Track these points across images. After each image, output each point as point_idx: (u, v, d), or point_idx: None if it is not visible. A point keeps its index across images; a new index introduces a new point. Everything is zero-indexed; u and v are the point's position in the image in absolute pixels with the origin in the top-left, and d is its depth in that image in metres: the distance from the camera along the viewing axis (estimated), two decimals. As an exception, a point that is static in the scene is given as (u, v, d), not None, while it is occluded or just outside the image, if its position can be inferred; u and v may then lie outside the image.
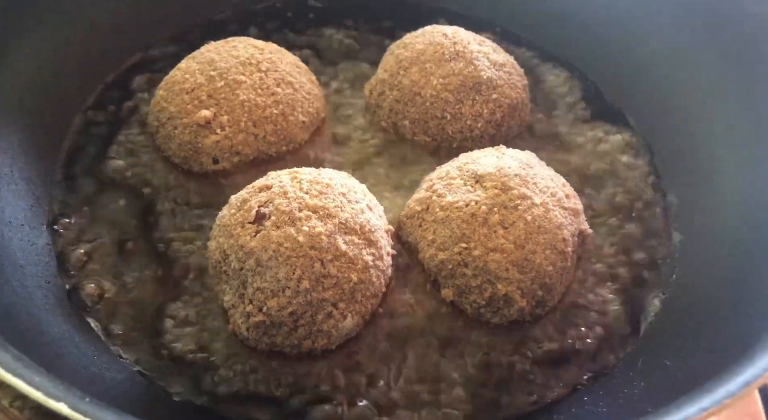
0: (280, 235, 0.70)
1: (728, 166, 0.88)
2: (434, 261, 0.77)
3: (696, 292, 0.81)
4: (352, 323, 0.73)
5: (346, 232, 0.72)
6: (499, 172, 0.78)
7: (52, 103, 0.93)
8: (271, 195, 0.73)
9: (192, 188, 0.88)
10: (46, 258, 0.81)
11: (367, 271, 0.73)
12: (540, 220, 0.75)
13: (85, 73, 0.98)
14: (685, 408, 0.54)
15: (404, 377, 0.74)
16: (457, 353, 0.76)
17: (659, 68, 1.00)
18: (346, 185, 0.77)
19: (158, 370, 0.74)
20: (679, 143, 0.95)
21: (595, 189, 0.92)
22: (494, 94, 0.92)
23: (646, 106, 1.00)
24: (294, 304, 0.70)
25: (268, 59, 0.90)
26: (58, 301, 0.78)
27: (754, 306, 0.70)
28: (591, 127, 1.00)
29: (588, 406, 0.72)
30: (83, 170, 0.90)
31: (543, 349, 0.77)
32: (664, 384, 0.70)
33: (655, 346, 0.77)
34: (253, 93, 0.87)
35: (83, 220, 0.86)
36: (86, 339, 0.75)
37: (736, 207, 0.85)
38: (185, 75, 0.88)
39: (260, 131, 0.87)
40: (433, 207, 0.79)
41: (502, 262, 0.74)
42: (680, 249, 0.87)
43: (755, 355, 0.57)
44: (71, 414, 0.51)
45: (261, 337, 0.72)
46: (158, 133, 0.90)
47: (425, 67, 0.93)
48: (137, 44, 1.05)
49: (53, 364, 0.66)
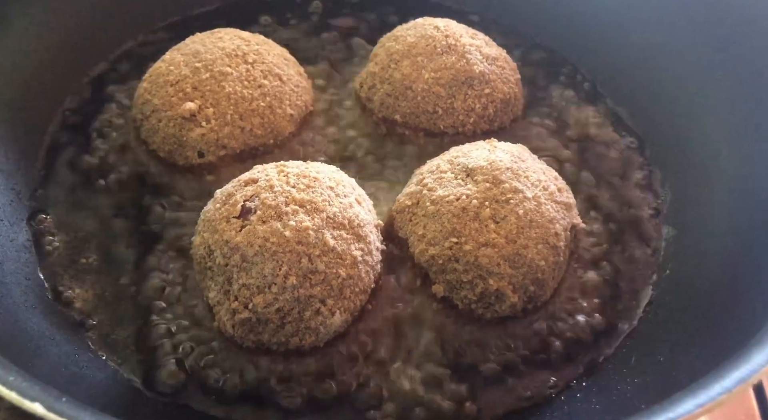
0: (266, 230, 0.68)
1: (721, 161, 0.88)
2: (425, 256, 0.76)
3: (689, 287, 0.80)
4: (341, 320, 0.72)
5: (335, 226, 0.71)
6: (491, 166, 0.77)
7: (33, 96, 0.92)
8: (257, 189, 0.72)
9: (177, 182, 0.87)
10: (26, 254, 0.80)
11: (355, 266, 0.71)
12: (532, 215, 0.74)
13: (67, 66, 0.97)
14: (680, 404, 0.53)
15: (394, 374, 0.73)
16: (449, 349, 0.75)
17: (653, 62, 0.99)
18: (335, 179, 0.76)
19: (140, 368, 0.73)
20: (672, 138, 0.95)
21: (586, 183, 0.92)
22: (487, 88, 0.91)
23: (640, 101, 0.99)
24: (281, 300, 0.68)
25: (254, 51, 0.88)
26: (38, 299, 0.76)
27: (748, 302, 0.69)
28: (583, 118, 0.99)
29: (581, 403, 0.72)
30: (64, 165, 0.89)
31: (535, 345, 0.76)
32: (658, 380, 0.69)
33: (648, 342, 0.76)
34: (240, 85, 0.85)
35: (64, 216, 0.84)
36: (67, 337, 0.74)
37: (730, 202, 0.84)
38: (170, 67, 0.86)
39: (247, 124, 0.85)
40: (423, 201, 0.78)
41: (493, 256, 0.72)
42: (673, 244, 0.86)
43: (751, 351, 0.56)
44: (46, 414, 0.50)
45: (247, 334, 0.71)
46: (142, 126, 0.88)
47: (417, 61, 0.91)
48: (121, 36, 1.03)
49: (32, 362, 0.65)
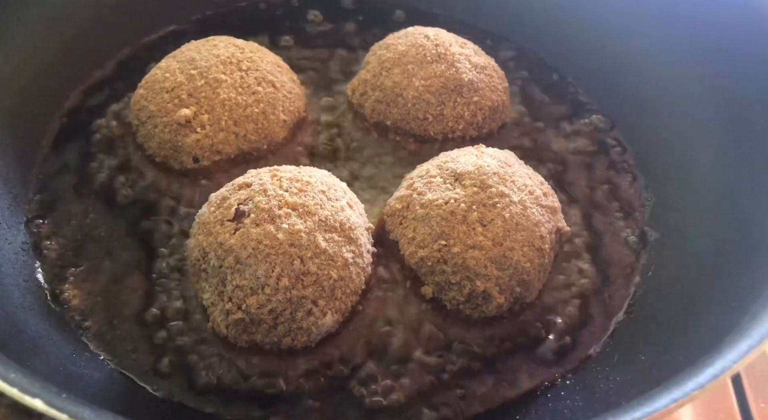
0: (259, 233, 0.70)
1: (705, 165, 0.90)
2: (414, 258, 0.78)
3: (671, 289, 0.82)
4: (332, 320, 0.73)
5: (326, 229, 0.73)
6: (478, 171, 0.79)
7: (31, 102, 0.93)
8: (251, 193, 0.74)
9: (172, 186, 0.88)
10: (24, 257, 0.81)
11: (347, 268, 0.73)
12: (518, 218, 0.76)
13: (64, 72, 0.98)
14: (657, 399, 0.55)
15: (385, 374, 0.75)
16: (437, 349, 0.77)
17: (637, 68, 1.02)
18: (327, 183, 0.78)
19: (137, 368, 0.74)
20: (656, 143, 0.97)
21: (570, 186, 0.94)
22: (475, 96, 0.94)
23: (624, 106, 1.02)
24: (273, 301, 0.70)
25: (248, 58, 0.90)
26: (36, 300, 0.77)
27: (727, 302, 0.71)
28: (568, 124, 1.02)
29: (565, 400, 0.74)
30: (62, 170, 0.90)
31: (521, 345, 0.78)
32: (639, 378, 0.71)
33: (630, 342, 0.78)
34: (234, 92, 0.87)
35: (62, 219, 0.85)
36: (65, 338, 0.75)
37: (710, 207, 0.86)
38: (165, 74, 0.88)
39: (241, 130, 0.87)
40: (413, 205, 0.80)
41: (480, 259, 0.74)
42: (656, 246, 0.88)
43: (724, 349, 0.59)
44: (47, 410, 0.51)
45: (240, 334, 0.72)
46: (138, 131, 0.90)
47: (407, 69, 0.93)
48: (118, 44, 1.05)
49: (31, 362, 0.66)
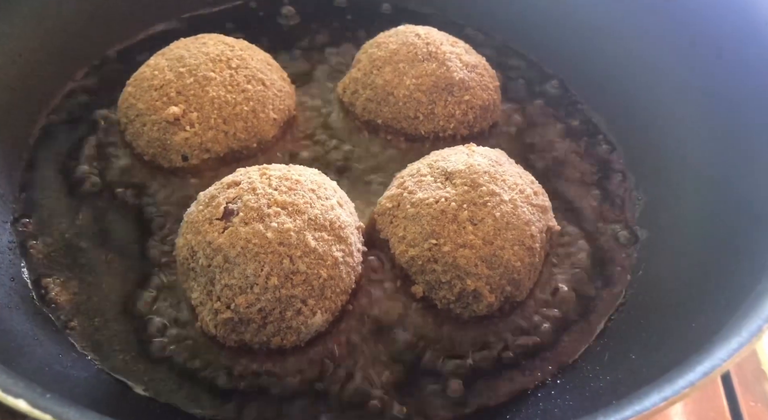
0: (248, 232, 0.70)
1: (695, 165, 0.90)
2: (405, 257, 0.77)
3: (661, 288, 0.82)
4: (322, 320, 0.73)
5: (316, 228, 0.72)
6: (469, 170, 0.79)
7: (18, 100, 0.92)
8: (240, 191, 0.73)
9: (161, 185, 0.88)
10: (10, 256, 0.80)
11: (336, 267, 0.72)
12: (508, 217, 0.76)
13: (51, 70, 0.97)
14: (647, 398, 0.55)
15: (375, 373, 0.75)
16: (428, 348, 0.77)
17: (627, 69, 1.02)
18: (316, 182, 0.77)
19: (124, 368, 0.73)
20: (646, 142, 0.97)
21: (561, 186, 0.94)
22: (466, 95, 0.93)
23: (614, 105, 1.02)
24: (262, 300, 0.69)
25: (238, 56, 0.90)
26: (22, 299, 0.76)
27: (717, 301, 0.71)
28: (559, 123, 1.02)
29: (556, 399, 0.73)
30: (49, 168, 0.89)
31: (511, 344, 0.78)
32: (630, 377, 0.71)
33: (621, 341, 0.78)
34: (223, 90, 0.86)
35: (48, 218, 0.84)
36: (51, 337, 0.74)
37: (701, 206, 0.87)
38: (154, 71, 0.87)
39: (230, 128, 0.87)
40: (403, 204, 0.79)
41: (471, 257, 0.74)
42: (647, 246, 0.88)
43: (714, 347, 0.59)
44: (30, 411, 0.50)
45: (229, 334, 0.72)
46: (127, 129, 0.89)
47: (398, 67, 0.93)
48: (106, 42, 1.04)
49: (16, 362, 0.65)
